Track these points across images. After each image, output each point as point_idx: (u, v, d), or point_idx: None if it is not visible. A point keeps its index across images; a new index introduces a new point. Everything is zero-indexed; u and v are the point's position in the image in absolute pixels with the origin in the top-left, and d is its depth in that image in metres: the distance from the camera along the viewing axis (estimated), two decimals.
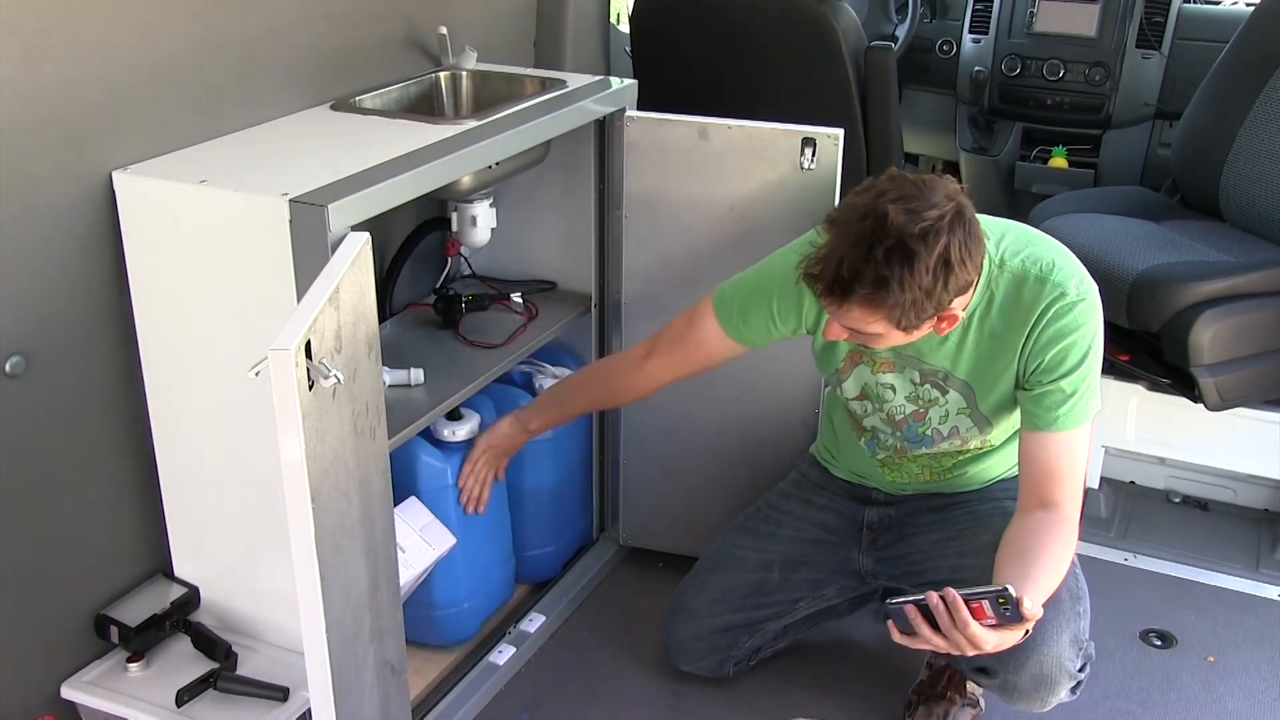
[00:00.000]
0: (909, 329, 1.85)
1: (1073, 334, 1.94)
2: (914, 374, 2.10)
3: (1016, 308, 1.96)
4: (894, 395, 2.14)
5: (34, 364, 1.89)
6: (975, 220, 1.82)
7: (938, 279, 1.76)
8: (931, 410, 2.13)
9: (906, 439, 2.17)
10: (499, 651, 2.45)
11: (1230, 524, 2.99)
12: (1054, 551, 1.92)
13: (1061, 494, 1.96)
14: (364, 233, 1.76)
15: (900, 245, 1.74)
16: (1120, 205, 3.15)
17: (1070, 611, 2.00)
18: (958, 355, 2.05)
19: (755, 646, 2.35)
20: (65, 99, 1.84)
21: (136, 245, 1.95)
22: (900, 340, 1.92)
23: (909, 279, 1.75)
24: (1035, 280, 1.95)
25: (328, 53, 2.33)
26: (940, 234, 1.75)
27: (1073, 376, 1.94)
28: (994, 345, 2.01)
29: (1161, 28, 3.68)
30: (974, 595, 1.79)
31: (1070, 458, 1.97)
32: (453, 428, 2.34)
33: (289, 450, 1.48)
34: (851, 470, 2.35)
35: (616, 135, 2.47)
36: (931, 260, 1.75)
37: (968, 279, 1.82)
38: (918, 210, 1.76)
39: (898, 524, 2.29)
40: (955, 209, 1.78)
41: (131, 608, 2.10)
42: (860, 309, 1.81)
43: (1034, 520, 1.96)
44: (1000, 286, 1.97)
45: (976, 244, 1.82)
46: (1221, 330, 2.63)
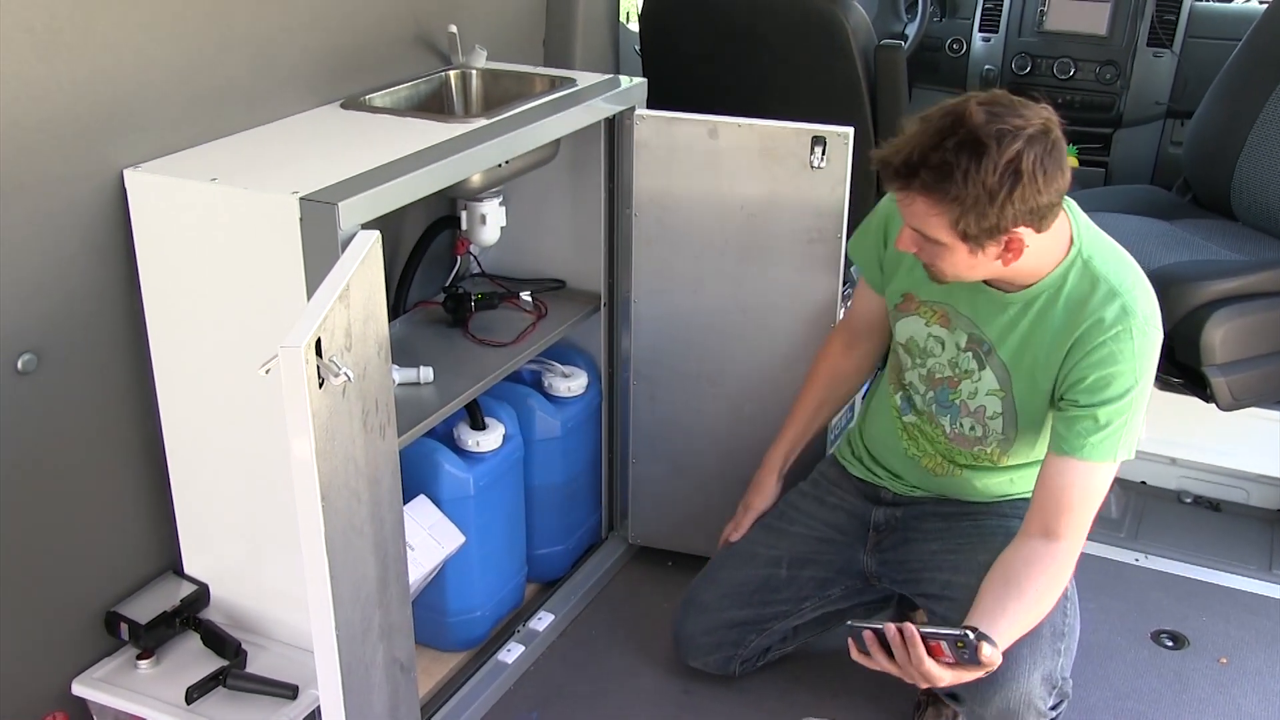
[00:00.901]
0: (972, 241, 1.82)
1: (1124, 363, 1.90)
2: (961, 337, 2.08)
3: (1081, 309, 1.94)
4: (940, 351, 2.12)
5: (45, 361, 1.89)
6: (1061, 149, 1.80)
7: (1004, 183, 1.74)
8: (964, 383, 2.10)
9: (937, 401, 2.15)
10: (508, 650, 2.45)
11: (1242, 525, 2.97)
12: (1040, 587, 1.90)
13: (1067, 526, 1.93)
14: (374, 230, 1.76)
15: (972, 139, 1.74)
16: (1131, 204, 3.14)
17: (1049, 649, 1.98)
18: (1008, 332, 2.02)
19: (763, 646, 2.35)
20: (77, 96, 1.84)
21: (147, 243, 1.95)
22: (965, 264, 1.87)
23: (974, 173, 1.74)
24: (1109, 292, 1.92)
25: (338, 51, 2.33)
26: (1015, 140, 1.74)
27: (1110, 407, 1.90)
28: (1044, 337, 1.98)
29: (1173, 26, 3.67)
30: (934, 635, 1.79)
31: (1085, 491, 1.93)
32: (477, 437, 2.33)
33: (299, 448, 1.48)
34: (873, 445, 2.33)
35: (626, 134, 2.47)
36: (1001, 160, 1.74)
37: (1039, 202, 1.78)
38: (1000, 115, 1.76)
39: (903, 527, 2.28)
40: (1041, 127, 1.77)
41: (142, 605, 2.10)
42: (924, 199, 1.80)
43: (1031, 549, 1.93)
44: (1073, 278, 1.95)
45: (1056, 169, 1.78)
46: (1233, 330, 2.62)
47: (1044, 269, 1.96)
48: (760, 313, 2.50)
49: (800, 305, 2.46)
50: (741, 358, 2.55)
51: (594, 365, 2.70)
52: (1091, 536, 2.84)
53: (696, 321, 2.56)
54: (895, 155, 1.81)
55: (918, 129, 1.80)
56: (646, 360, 2.63)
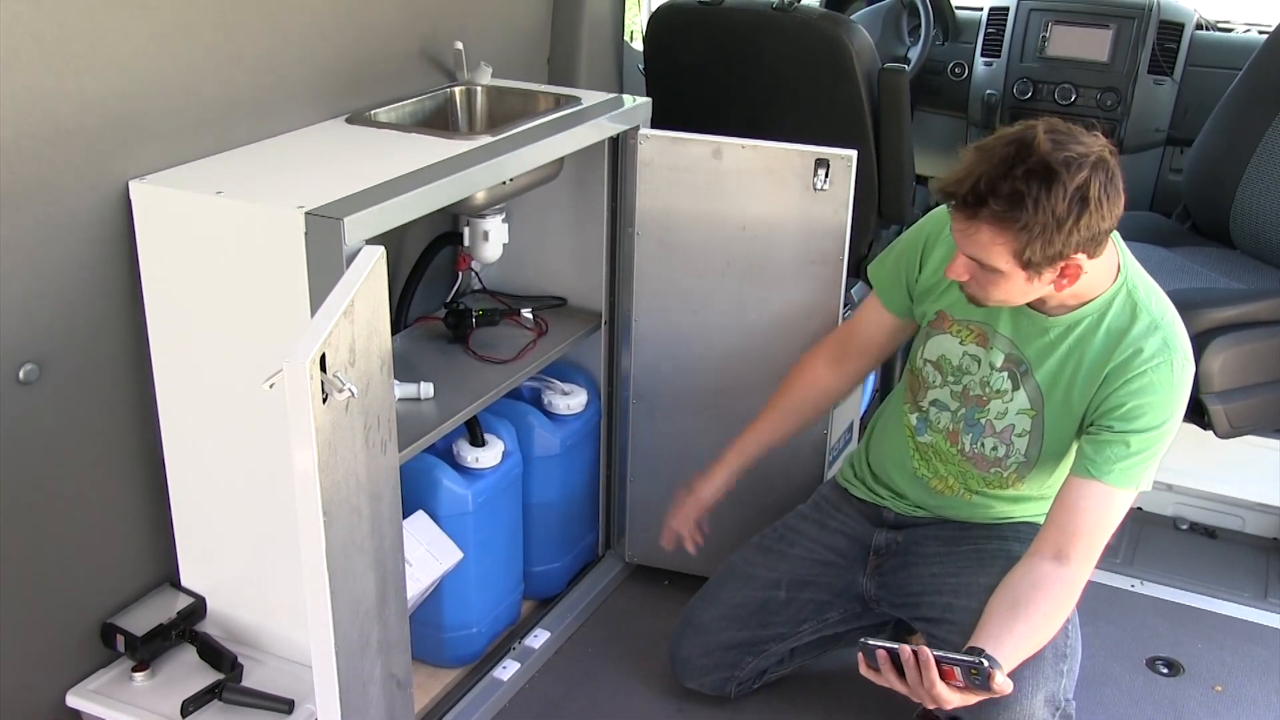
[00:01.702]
0: (1032, 268, 1.82)
1: (1161, 394, 1.92)
2: (998, 356, 2.08)
3: (1121, 338, 1.96)
4: (976, 370, 2.12)
5: (47, 372, 1.89)
6: (1119, 176, 1.81)
7: (1072, 210, 1.76)
8: (994, 402, 2.11)
9: (965, 420, 2.15)
10: (503, 667, 2.45)
11: (1238, 552, 2.98)
12: (1047, 612, 1.90)
13: (1078, 551, 1.93)
14: (379, 246, 1.77)
15: (1043, 166, 1.75)
16: (1131, 231, 3.13)
17: (1051, 670, 1.98)
18: (1047, 354, 2.03)
19: (760, 668, 2.35)
20: (84, 107, 1.85)
21: (151, 254, 1.96)
22: (1019, 289, 1.88)
23: (1045, 200, 1.75)
24: (1151, 324, 1.95)
25: (344, 66, 2.34)
26: (1083, 168, 1.76)
27: (1143, 436, 1.92)
28: (1083, 362, 1.99)
29: (1174, 54, 3.68)
30: (948, 660, 1.79)
31: (1102, 515, 1.94)
32: (476, 454, 2.33)
33: (302, 463, 1.48)
34: (879, 465, 2.32)
35: (630, 153, 2.48)
36: (1071, 188, 1.75)
37: (1101, 229, 1.80)
38: (1064, 143, 1.77)
39: (904, 551, 2.28)
40: (1101, 153, 1.79)
41: (138, 617, 2.09)
42: (990, 228, 1.80)
43: (1041, 571, 1.93)
44: (1116, 306, 1.97)
45: (1116, 195, 1.81)
46: (1232, 357, 2.63)
47: (1090, 294, 1.98)
48: (761, 334, 2.51)
49: (801, 327, 2.46)
50: (741, 378, 2.55)
51: (593, 383, 2.70)
52: None
53: (697, 341, 2.56)
54: (960, 185, 1.80)
55: (979, 158, 1.80)
56: (646, 379, 2.63)
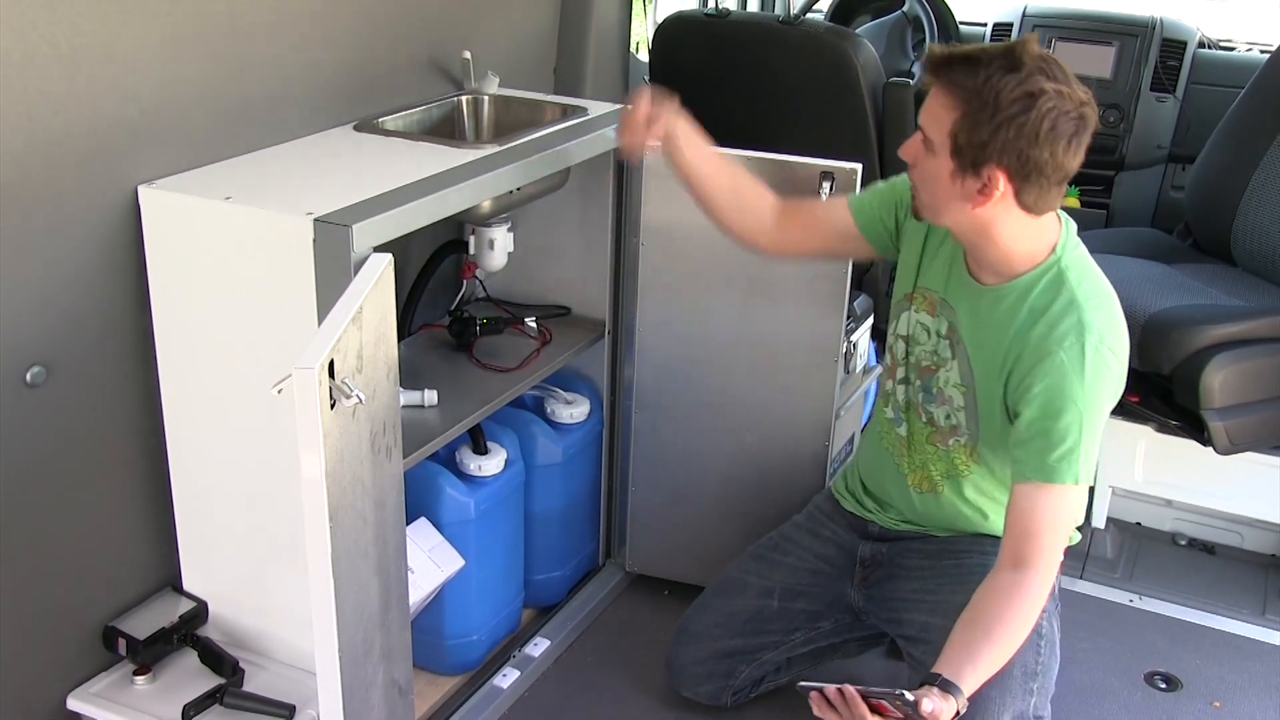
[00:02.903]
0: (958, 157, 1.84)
1: (1072, 378, 1.88)
2: (943, 324, 2.09)
3: (1041, 316, 1.93)
4: (926, 339, 2.13)
5: (54, 374, 1.90)
6: (1085, 131, 1.82)
7: (1015, 106, 1.77)
8: (940, 370, 2.11)
9: (924, 389, 2.15)
10: (503, 675, 2.45)
11: (1236, 568, 2.98)
12: (1007, 622, 1.86)
13: (1035, 552, 1.88)
14: (387, 254, 1.77)
15: (1014, 59, 1.79)
16: (1133, 247, 3.16)
17: (1019, 689, 1.97)
18: (974, 322, 2.03)
19: (755, 677, 2.35)
20: (96, 112, 1.86)
21: (159, 260, 1.96)
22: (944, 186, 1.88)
23: (996, 79, 1.78)
24: (1069, 303, 1.92)
25: (352, 74, 2.35)
26: (1049, 82, 1.78)
27: (1061, 424, 1.87)
28: (1004, 336, 1.97)
29: (1176, 71, 3.71)
30: (873, 693, 1.78)
31: (1051, 515, 1.89)
32: (479, 461, 2.34)
33: (309, 468, 1.49)
34: (868, 475, 2.33)
35: (636, 164, 2.48)
36: (1024, 85, 1.77)
37: (1032, 153, 1.80)
38: (1051, 65, 1.80)
39: (888, 563, 2.28)
40: (1080, 100, 1.80)
41: (140, 620, 2.10)
42: (943, 94, 1.84)
43: (1002, 584, 1.90)
44: (1044, 284, 1.95)
45: (1065, 137, 1.80)
46: (1233, 374, 2.63)
47: (1016, 264, 1.96)
48: (764, 345, 2.51)
49: (804, 339, 2.47)
50: (744, 389, 2.56)
51: (596, 393, 2.70)
52: (1087, 576, 2.91)
53: (700, 352, 2.57)
54: (944, 49, 1.87)
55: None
56: (649, 389, 2.64)
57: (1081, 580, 2.91)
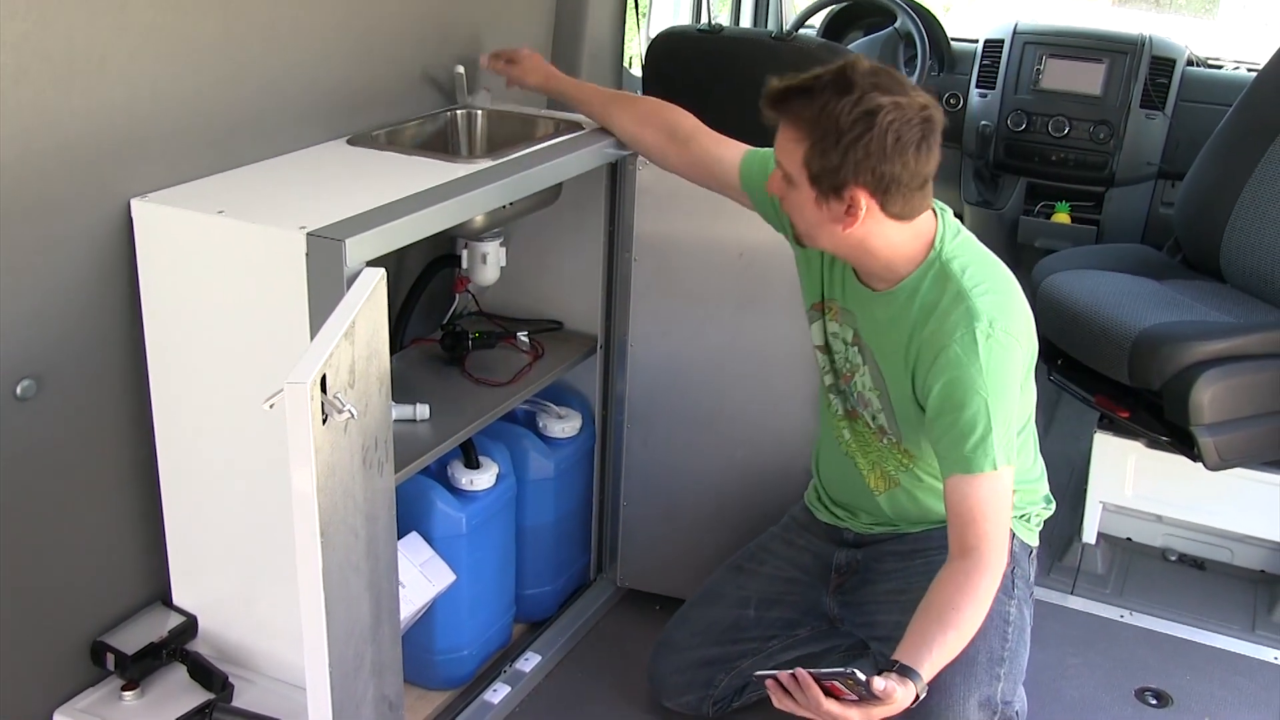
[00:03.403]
0: (817, 186, 1.86)
1: (969, 368, 1.88)
2: (849, 332, 2.12)
3: (931, 312, 1.95)
4: (841, 348, 2.16)
5: (44, 388, 1.89)
6: (931, 134, 1.83)
7: (855, 126, 1.79)
8: (855, 376, 2.14)
9: (852, 396, 2.17)
10: (494, 690, 2.44)
11: (1226, 584, 2.99)
12: (963, 609, 1.87)
13: (977, 537, 1.89)
14: (380, 269, 1.77)
15: (844, 80, 1.81)
16: (1123, 263, 3.17)
17: (985, 674, 1.98)
18: (874, 329, 2.06)
19: (735, 687, 2.35)
20: (89, 125, 1.85)
21: (151, 273, 1.96)
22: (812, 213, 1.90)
23: (832, 106, 1.80)
24: (956, 294, 1.93)
25: (346, 88, 2.35)
26: (883, 97, 1.80)
27: (967, 415, 1.88)
28: (901, 338, 1.99)
29: (1166, 89, 3.73)
30: (825, 675, 1.79)
31: (983, 503, 1.90)
32: (470, 476, 2.33)
33: (300, 483, 1.49)
34: (830, 485, 2.34)
35: (629, 179, 2.49)
36: (860, 106, 1.79)
37: (884, 168, 1.81)
38: (881, 78, 1.83)
39: (863, 569, 2.29)
40: (919, 105, 1.82)
41: (129, 635, 2.09)
42: (787, 127, 1.88)
43: (952, 573, 1.91)
44: (929, 281, 1.97)
45: (912, 144, 1.81)
46: (1222, 390, 2.64)
47: (900, 268, 1.98)
48: (755, 360, 2.52)
49: (795, 353, 2.47)
50: (736, 404, 2.56)
51: (588, 407, 2.70)
52: (1078, 592, 2.91)
53: (692, 366, 2.57)
54: (778, 83, 1.89)
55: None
56: (641, 404, 2.64)
57: (1072, 596, 2.91)
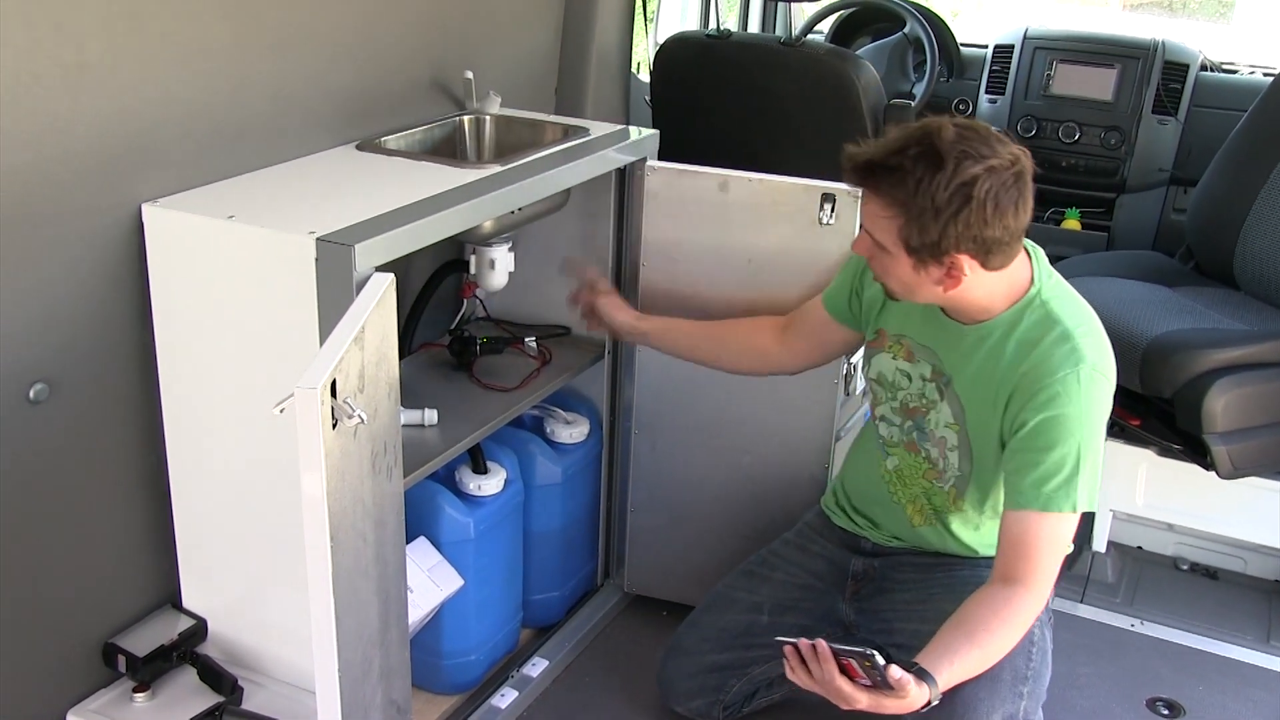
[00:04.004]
0: (915, 255, 1.85)
1: (1070, 407, 1.89)
2: (925, 369, 2.10)
3: (1031, 350, 1.94)
4: (908, 384, 2.14)
5: (56, 392, 1.90)
6: (1025, 189, 1.82)
7: (953, 202, 1.78)
8: (930, 412, 2.12)
9: (918, 429, 2.15)
10: (501, 695, 2.44)
11: (1239, 594, 2.97)
12: (995, 632, 1.87)
13: (1027, 573, 1.89)
14: (389, 274, 1.78)
15: (933, 152, 1.78)
16: (1134, 270, 3.16)
17: (1009, 691, 1.97)
18: (963, 365, 2.03)
19: (745, 692, 2.34)
20: (100, 131, 1.86)
21: (162, 278, 1.97)
22: (909, 278, 1.90)
23: (926, 184, 1.78)
24: (1061, 334, 1.92)
25: (355, 94, 2.35)
26: (975, 165, 1.78)
27: (1058, 452, 1.88)
28: (994, 374, 1.98)
29: (1178, 94, 3.71)
30: (844, 652, 1.79)
31: (1046, 541, 1.89)
32: (478, 481, 2.33)
33: (310, 488, 1.49)
34: (855, 495, 2.33)
35: (637, 185, 2.49)
36: (955, 180, 1.77)
37: (985, 233, 1.81)
38: (970, 140, 1.80)
39: (880, 577, 2.28)
40: (1008, 162, 1.80)
41: (139, 637, 2.10)
42: (876, 201, 1.85)
43: (992, 594, 1.90)
44: (1028, 318, 1.96)
45: (1010, 205, 1.81)
46: (1235, 399, 2.63)
47: (996, 307, 1.98)
48: None
49: None
50: (743, 410, 2.56)
51: (596, 413, 2.70)
52: (1088, 601, 2.90)
53: (700, 373, 2.55)
54: (861, 154, 1.86)
55: (893, 134, 1.85)
56: (648, 410, 2.64)
57: (1082, 604, 2.90)
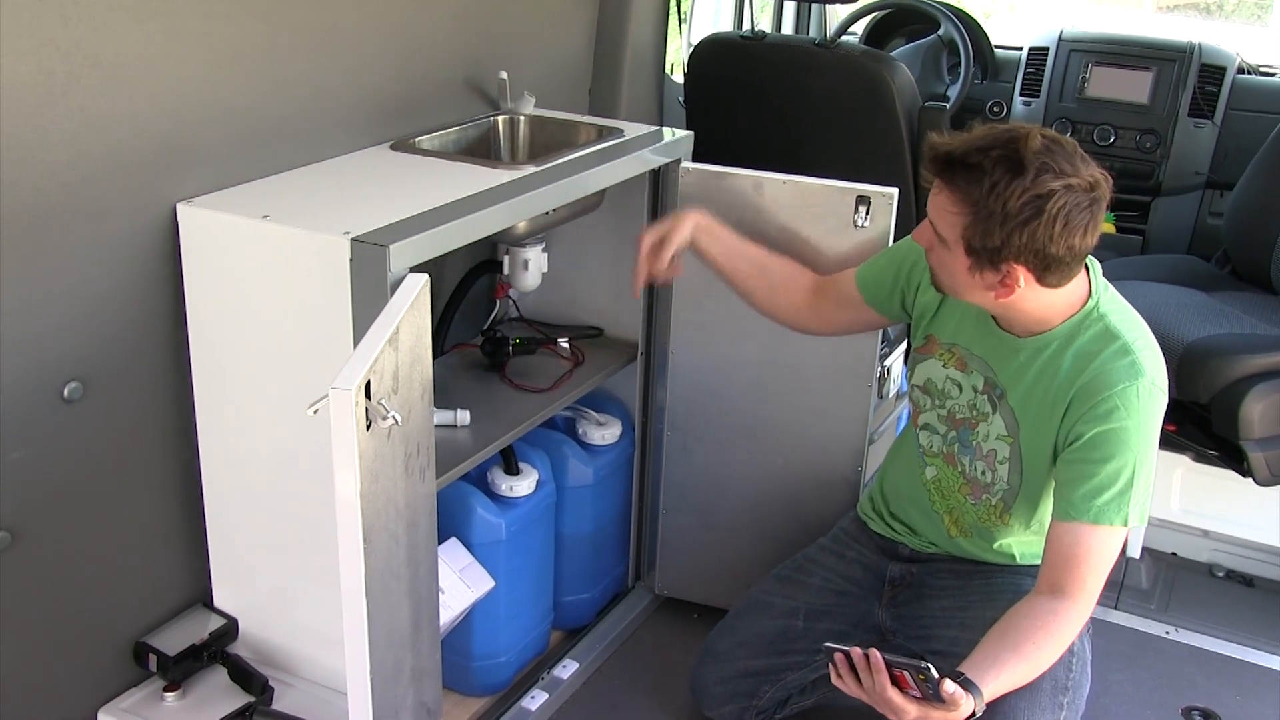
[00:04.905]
0: (974, 256, 1.83)
1: (1128, 421, 1.88)
2: (979, 380, 2.08)
3: (1089, 362, 1.93)
4: (959, 394, 2.12)
5: (90, 390, 1.90)
6: (1098, 213, 1.81)
7: (1024, 211, 1.76)
8: (980, 424, 2.10)
9: (960, 441, 2.13)
10: (531, 697, 2.44)
11: (1276, 602, 2.93)
12: (1039, 641, 1.86)
13: (1074, 584, 1.88)
14: (424, 274, 1.77)
15: (1015, 158, 1.77)
16: (1170, 274, 3.13)
17: (1049, 702, 1.96)
18: (1018, 377, 2.02)
19: (778, 699, 2.33)
20: (137, 130, 1.87)
21: (196, 277, 1.97)
22: (963, 278, 1.89)
23: (1001, 188, 1.76)
24: (1121, 349, 1.92)
25: (389, 94, 2.36)
26: (1055, 180, 1.76)
27: (1113, 465, 1.88)
28: (1051, 386, 1.97)
29: (1215, 97, 3.68)
30: (897, 663, 1.78)
31: (1094, 554, 1.88)
32: (510, 482, 2.33)
33: (344, 489, 1.48)
34: (894, 500, 2.32)
35: (671, 186, 2.48)
36: (1031, 190, 1.76)
37: (1048, 249, 1.79)
38: (1054, 153, 1.78)
39: (918, 583, 2.27)
40: (1089, 184, 1.79)
41: (170, 636, 2.10)
42: (948, 193, 1.84)
43: (1037, 605, 1.90)
44: (1088, 331, 1.95)
45: (1080, 227, 1.79)
46: (1273, 404, 2.60)
47: (1053, 320, 1.97)
48: (797, 369, 2.50)
49: (838, 363, 2.46)
50: (776, 413, 2.55)
51: (628, 414, 2.69)
52: (1122, 607, 2.87)
53: (733, 375, 2.55)
54: (943, 145, 1.85)
55: (979, 132, 1.84)
56: (681, 411, 2.63)
57: (1116, 610, 2.87)
